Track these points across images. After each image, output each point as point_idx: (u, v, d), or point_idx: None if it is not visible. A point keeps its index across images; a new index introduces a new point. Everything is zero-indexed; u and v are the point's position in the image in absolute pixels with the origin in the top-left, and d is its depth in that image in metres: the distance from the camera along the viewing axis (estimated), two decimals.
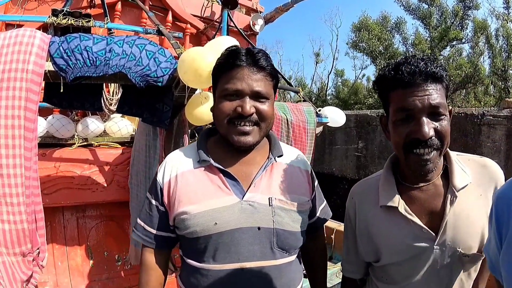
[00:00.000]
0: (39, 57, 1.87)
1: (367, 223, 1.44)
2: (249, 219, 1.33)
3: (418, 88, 1.19)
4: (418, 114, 1.20)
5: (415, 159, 1.23)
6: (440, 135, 1.21)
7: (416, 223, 1.30)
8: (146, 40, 2.07)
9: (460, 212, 1.28)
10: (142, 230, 1.47)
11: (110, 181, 3.27)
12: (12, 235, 1.85)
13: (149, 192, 1.50)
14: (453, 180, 1.30)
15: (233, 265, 1.31)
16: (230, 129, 1.34)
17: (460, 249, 1.27)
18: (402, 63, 1.23)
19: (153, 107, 2.25)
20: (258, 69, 1.34)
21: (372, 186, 1.46)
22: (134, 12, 4.24)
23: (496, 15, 19.88)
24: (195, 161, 1.42)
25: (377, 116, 9.53)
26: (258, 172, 1.39)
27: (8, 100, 1.82)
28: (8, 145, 1.82)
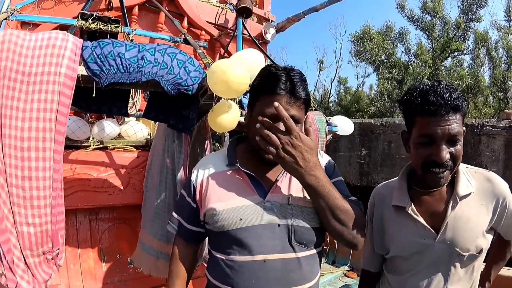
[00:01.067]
0: (72, 61, 1.89)
1: (381, 220, 1.66)
2: (270, 217, 1.46)
3: (441, 118, 1.36)
4: (438, 141, 1.37)
5: (431, 176, 1.43)
6: (454, 158, 1.40)
7: (421, 222, 1.51)
8: (176, 49, 2.11)
9: (461, 216, 1.47)
10: (177, 223, 1.67)
11: (127, 184, 3.29)
12: (37, 237, 1.89)
13: (183, 190, 1.68)
14: (457, 188, 1.49)
15: (257, 256, 1.43)
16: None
17: (457, 248, 1.46)
18: (429, 92, 1.39)
19: (180, 114, 2.29)
20: (295, 99, 1.45)
21: (389, 188, 1.68)
22: (150, 16, 4.26)
23: (497, 28, 20.06)
24: (224, 165, 1.58)
25: (381, 125, 9.59)
26: (279, 175, 1.53)
27: (40, 103, 1.83)
28: (39, 148, 1.84)
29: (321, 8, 4.53)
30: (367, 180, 9.77)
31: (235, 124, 2.32)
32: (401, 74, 20.26)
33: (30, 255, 1.90)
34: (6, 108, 1.80)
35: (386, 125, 9.54)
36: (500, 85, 18.31)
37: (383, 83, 20.43)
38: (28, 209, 1.85)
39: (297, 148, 1.36)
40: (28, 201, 1.84)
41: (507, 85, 18.45)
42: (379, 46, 20.94)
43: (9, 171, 1.81)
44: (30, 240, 1.87)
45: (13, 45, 1.84)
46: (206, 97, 2.19)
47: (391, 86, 20.25)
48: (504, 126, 7.78)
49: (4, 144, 1.80)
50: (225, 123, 2.26)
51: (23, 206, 1.84)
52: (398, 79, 20.28)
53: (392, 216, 1.60)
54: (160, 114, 2.37)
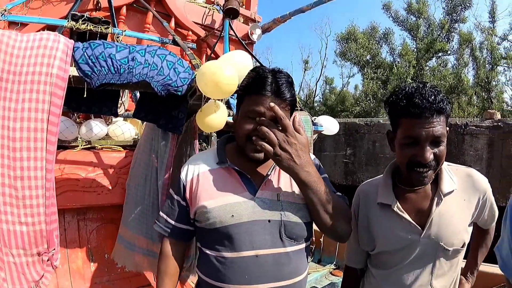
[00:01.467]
0: (63, 61, 1.91)
1: (367, 217, 1.69)
2: (261, 213, 1.50)
3: (425, 121, 1.40)
4: (422, 142, 1.42)
5: (415, 175, 1.48)
6: (438, 158, 1.45)
7: (406, 219, 1.55)
8: (166, 50, 2.14)
9: (445, 212, 1.53)
10: (164, 222, 1.66)
11: (115, 184, 3.29)
12: (30, 236, 1.89)
13: (171, 188, 1.70)
14: (441, 185, 1.55)
15: (248, 252, 1.47)
16: (248, 145, 1.52)
17: (442, 243, 1.51)
18: (414, 94, 1.43)
19: (169, 114, 2.32)
20: (280, 100, 1.49)
21: (374, 186, 1.72)
22: (137, 17, 4.28)
23: (481, 29, 20.37)
24: (214, 163, 1.61)
25: (365, 125, 9.71)
26: (268, 172, 1.58)
27: (31, 103, 1.85)
28: (31, 148, 1.85)
29: (308, 10, 4.59)
30: (352, 179, 9.89)
31: (223, 124, 2.35)
32: (385, 74, 20.46)
33: (23, 254, 1.91)
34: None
35: (370, 124, 9.66)
36: (484, 85, 18.61)
37: (368, 83, 20.62)
38: (21, 209, 1.86)
39: (293, 146, 1.41)
40: (21, 200, 1.85)
41: (491, 85, 18.76)
42: (364, 47, 21.13)
43: (1, 171, 1.83)
44: (22, 239, 1.88)
45: (4, 46, 1.85)
46: (195, 98, 2.23)
47: (376, 86, 20.44)
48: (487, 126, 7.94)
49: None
50: (213, 123, 2.30)
51: (16, 206, 1.85)
52: (382, 79, 20.48)
53: (377, 213, 1.64)
54: (150, 114, 2.40)
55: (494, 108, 15.00)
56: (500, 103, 18.99)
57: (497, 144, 7.83)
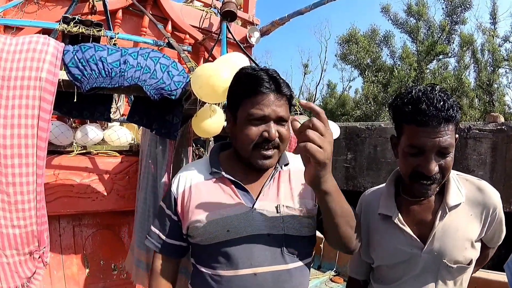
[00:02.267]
0: (53, 65, 1.86)
1: (368, 227, 1.59)
2: (259, 227, 1.39)
3: (432, 130, 1.28)
4: (427, 153, 1.31)
5: (418, 187, 1.38)
6: (443, 170, 1.34)
7: (407, 232, 1.46)
8: (159, 53, 2.09)
9: (449, 227, 1.42)
10: (156, 238, 1.55)
11: (110, 190, 3.24)
12: (23, 237, 1.90)
13: (163, 202, 1.57)
14: (447, 198, 1.43)
15: (246, 270, 1.36)
16: (255, 153, 1.39)
17: (445, 260, 1.41)
18: (421, 99, 1.30)
19: (163, 118, 2.26)
20: (281, 95, 1.39)
21: (377, 195, 1.62)
22: (134, 20, 4.25)
23: (482, 30, 20.37)
24: (207, 173, 1.49)
25: (366, 129, 9.66)
26: (266, 182, 1.47)
27: (21, 109, 1.81)
28: (22, 154, 1.83)
29: (306, 12, 4.55)
30: (353, 184, 9.83)
31: (220, 129, 2.30)
32: (386, 78, 20.45)
33: (16, 254, 1.91)
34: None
35: (371, 128, 9.61)
36: (485, 88, 18.60)
37: (369, 86, 20.62)
38: (13, 213, 1.85)
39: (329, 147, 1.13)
40: (13, 205, 1.84)
41: (493, 87, 18.74)
42: (365, 49, 21.13)
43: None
44: (16, 241, 1.88)
45: None
46: (190, 102, 2.18)
47: (377, 89, 20.44)
48: (490, 129, 7.87)
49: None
50: (209, 128, 2.25)
51: (8, 210, 1.84)
52: (383, 83, 20.49)
53: (378, 224, 1.55)
54: (143, 118, 2.34)
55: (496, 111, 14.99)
56: (502, 106, 18.99)
57: (500, 148, 7.77)
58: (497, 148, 7.82)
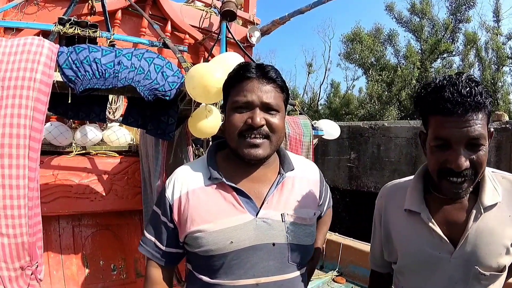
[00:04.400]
0: (47, 66, 1.86)
1: (390, 224, 1.46)
2: (264, 236, 1.32)
3: (458, 119, 1.15)
4: (455, 145, 1.17)
5: (447, 185, 1.23)
6: (475, 166, 1.19)
7: (436, 232, 1.30)
8: (154, 53, 2.08)
9: (483, 229, 1.26)
10: (152, 246, 1.43)
11: (109, 190, 3.26)
12: (12, 249, 1.80)
13: (157, 207, 1.45)
14: (482, 197, 1.28)
15: (248, 280, 1.30)
16: (241, 142, 1.31)
17: (477, 266, 1.25)
18: (444, 87, 1.18)
19: (158, 119, 2.26)
20: (267, 80, 1.32)
21: (401, 189, 1.46)
22: (133, 21, 4.26)
23: (486, 28, 20.24)
24: (205, 178, 1.38)
25: (370, 128, 9.62)
26: (270, 189, 1.38)
27: (14, 108, 1.79)
28: (12, 155, 1.78)
29: (306, 10, 4.55)
30: (356, 183, 9.77)
31: (216, 130, 2.29)
32: (390, 77, 20.35)
33: (5, 268, 1.81)
34: None
35: (375, 128, 9.56)
36: (489, 86, 18.47)
37: (373, 85, 20.51)
38: (2, 219, 1.76)
39: None
40: (2, 210, 1.76)
41: (497, 86, 18.61)
42: (369, 48, 21.05)
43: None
44: (4, 252, 1.79)
45: None
46: (185, 102, 2.17)
47: (381, 88, 20.35)
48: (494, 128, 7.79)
49: None
50: (206, 129, 2.24)
51: None
52: (387, 82, 20.38)
53: (403, 222, 1.40)
54: (138, 119, 2.34)
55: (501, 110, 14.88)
56: (507, 105, 18.83)
57: (505, 147, 7.69)
58: (501, 147, 7.74)
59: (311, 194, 1.51)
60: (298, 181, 1.48)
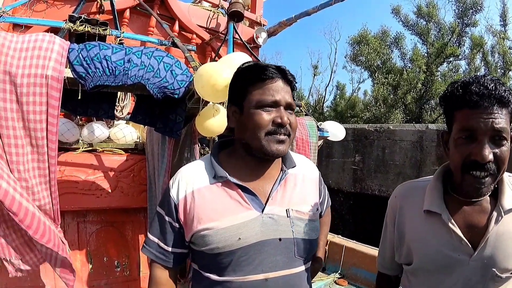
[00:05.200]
0: (58, 63, 1.89)
1: (406, 225, 1.45)
2: (270, 232, 1.35)
3: (484, 111, 1.18)
4: (480, 136, 1.19)
5: (471, 180, 1.23)
6: (498, 161, 1.20)
7: (457, 234, 1.29)
8: (163, 52, 2.11)
9: (503, 232, 1.27)
10: (156, 247, 1.44)
11: (114, 187, 3.28)
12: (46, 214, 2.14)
13: (160, 207, 1.46)
14: (502, 200, 1.29)
15: (257, 276, 1.32)
16: (268, 139, 1.33)
17: (495, 269, 1.26)
18: (471, 83, 1.23)
19: (167, 117, 2.28)
20: (287, 81, 1.38)
21: (418, 189, 1.46)
22: (141, 20, 4.28)
23: (492, 32, 20.16)
24: (210, 177, 1.40)
25: (375, 131, 9.61)
26: (274, 186, 1.41)
27: (29, 106, 1.88)
28: (34, 144, 1.97)
29: (313, 12, 4.56)
30: (360, 186, 9.75)
31: (223, 128, 2.31)
32: (396, 80, 20.29)
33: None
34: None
35: (380, 130, 9.54)
36: None
37: (378, 88, 20.45)
38: (30, 195, 2.03)
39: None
40: (30, 189, 2.02)
41: None
42: (376, 51, 20.99)
43: (12, 167, 1.95)
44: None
45: (0, 47, 1.85)
46: (194, 101, 2.19)
47: (386, 91, 20.30)
48: None
49: (4, 143, 1.89)
50: (213, 127, 2.26)
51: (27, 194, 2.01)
52: (393, 85, 20.32)
53: (421, 223, 1.39)
54: (147, 117, 2.36)
55: None
56: None
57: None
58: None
59: (312, 191, 1.56)
60: (300, 178, 1.53)
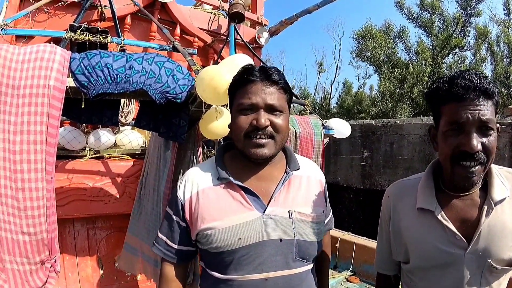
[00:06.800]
0: (60, 73, 1.91)
1: (401, 224, 1.48)
2: (271, 232, 1.38)
3: (470, 103, 1.22)
4: (468, 128, 1.23)
5: (461, 171, 1.27)
6: (487, 150, 1.24)
7: (450, 229, 1.32)
8: (164, 57, 2.12)
9: (495, 224, 1.30)
10: (164, 245, 1.51)
11: (122, 193, 3.30)
12: (33, 245, 1.93)
13: (169, 207, 1.54)
14: (492, 192, 1.32)
15: (257, 275, 1.35)
16: (247, 142, 1.38)
17: (490, 260, 1.29)
18: (456, 77, 1.26)
19: (170, 122, 2.30)
20: (271, 83, 1.39)
21: (410, 187, 1.49)
22: (142, 25, 4.31)
23: (497, 22, 19.96)
24: (214, 178, 1.46)
25: (382, 126, 9.56)
26: (277, 187, 1.44)
27: (30, 116, 1.87)
28: (31, 160, 1.87)
29: (314, 10, 4.55)
30: (369, 182, 9.70)
31: (227, 131, 2.31)
32: (402, 74, 20.15)
33: (27, 263, 1.93)
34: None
35: (387, 125, 9.48)
36: (502, 81, 18.18)
37: (385, 82, 20.32)
38: (23, 219, 1.88)
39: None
40: (23, 211, 1.88)
41: (510, 80, 18.32)
42: (381, 45, 20.87)
43: (4, 183, 1.85)
44: (26, 248, 1.91)
45: (2, 60, 1.87)
46: (196, 105, 2.20)
47: (393, 85, 20.17)
48: (508, 123, 7.66)
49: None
50: (217, 130, 2.27)
51: (18, 216, 1.88)
52: (399, 79, 20.19)
53: (415, 221, 1.42)
54: (151, 122, 2.38)
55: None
56: None
57: None
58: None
59: (318, 193, 1.57)
60: (305, 180, 1.55)
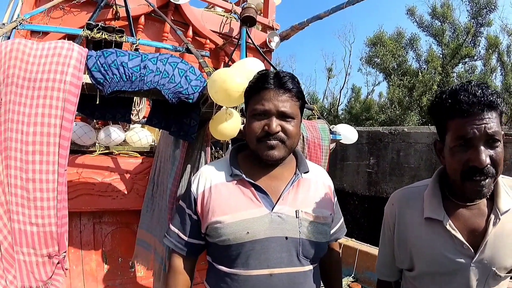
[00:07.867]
0: (77, 69, 1.95)
1: (407, 231, 1.48)
2: (277, 229, 1.43)
3: (476, 117, 1.22)
4: (475, 142, 1.23)
5: (472, 186, 1.27)
6: (495, 163, 1.24)
7: (458, 239, 1.34)
8: (178, 58, 2.16)
9: (501, 233, 1.31)
10: (176, 237, 1.58)
11: (130, 189, 3.35)
12: (40, 237, 1.93)
13: (182, 201, 1.61)
14: (498, 202, 1.33)
15: (263, 271, 1.40)
16: (259, 145, 1.46)
17: (495, 268, 1.31)
18: (459, 91, 1.26)
19: (181, 121, 2.34)
20: (284, 90, 1.46)
21: (416, 195, 1.50)
22: (156, 26, 4.38)
23: (507, 32, 19.82)
24: (227, 175, 1.53)
25: (389, 133, 9.54)
26: (286, 187, 1.50)
27: (45, 108, 1.89)
28: (43, 152, 1.89)
29: (325, 16, 4.59)
30: (375, 189, 9.68)
31: (236, 132, 2.36)
32: (411, 81, 20.08)
33: (33, 254, 1.94)
34: (13, 113, 1.86)
35: (395, 133, 9.47)
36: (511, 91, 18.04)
37: (394, 90, 20.24)
38: (32, 210, 1.89)
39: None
40: (32, 202, 1.89)
41: None
42: (391, 53, 20.80)
43: (14, 173, 1.88)
44: (33, 239, 1.92)
45: (21, 54, 1.91)
46: (207, 106, 2.25)
47: (402, 93, 20.09)
48: None
49: (10, 147, 1.87)
50: (226, 131, 2.31)
51: (27, 207, 1.89)
52: (408, 87, 20.10)
53: (422, 229, 1.42)
54: (162, 121, 2.42)
55: None
56: None
57: None
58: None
59: (326, 196, 1.62)
60: (314, 183, 1.61)
